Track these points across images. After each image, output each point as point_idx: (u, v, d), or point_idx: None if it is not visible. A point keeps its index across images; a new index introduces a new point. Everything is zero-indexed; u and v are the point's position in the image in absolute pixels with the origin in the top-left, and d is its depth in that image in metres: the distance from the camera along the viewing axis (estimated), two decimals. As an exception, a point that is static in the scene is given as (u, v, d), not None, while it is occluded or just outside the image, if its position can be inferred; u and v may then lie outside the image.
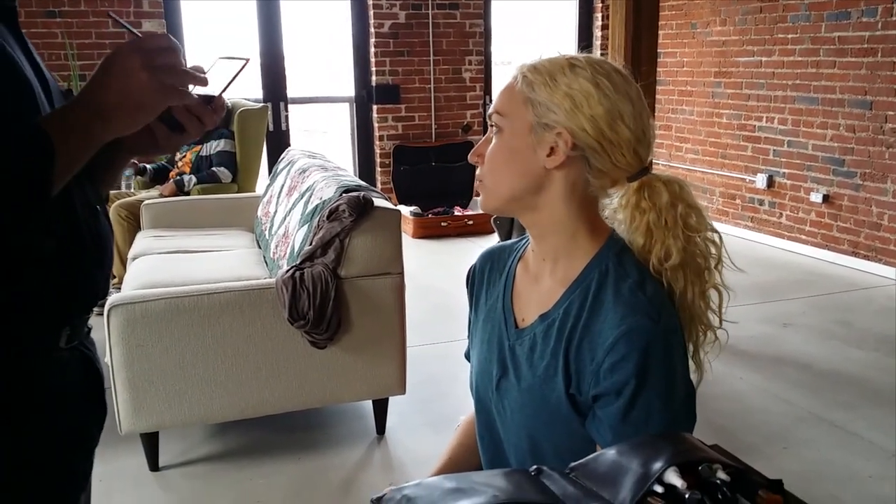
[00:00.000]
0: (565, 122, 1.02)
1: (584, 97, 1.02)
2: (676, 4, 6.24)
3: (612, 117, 1.02)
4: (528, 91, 1.04)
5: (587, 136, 1.02)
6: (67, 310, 0.95)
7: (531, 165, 1.05)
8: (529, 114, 1.04)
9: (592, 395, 1.02)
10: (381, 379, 2.64)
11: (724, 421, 2.91)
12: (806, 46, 5.16)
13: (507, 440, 1.17)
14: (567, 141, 1.03)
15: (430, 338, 3.67)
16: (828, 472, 2.58)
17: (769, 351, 3.61)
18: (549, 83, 1.03)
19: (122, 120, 0.86)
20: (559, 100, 1.02)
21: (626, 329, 0.99)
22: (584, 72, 1.02)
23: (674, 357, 1.01)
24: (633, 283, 1.03)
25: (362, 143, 6.49)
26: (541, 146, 1.04)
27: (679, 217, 1.04)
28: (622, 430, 1.00)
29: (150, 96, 0.85)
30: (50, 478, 0.95)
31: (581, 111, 1.02)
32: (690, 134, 6.24)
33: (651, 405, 0.99)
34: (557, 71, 1.03)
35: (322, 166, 3.26)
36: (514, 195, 1.08)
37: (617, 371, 0.99)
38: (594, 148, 1.03)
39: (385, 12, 6.18)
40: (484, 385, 1.19)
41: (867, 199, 4.86)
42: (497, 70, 6.70)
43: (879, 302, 4.34)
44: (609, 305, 1.02)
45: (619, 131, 1.02)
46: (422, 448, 2.72)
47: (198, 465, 2.62)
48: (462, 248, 5.57)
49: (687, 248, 1.05)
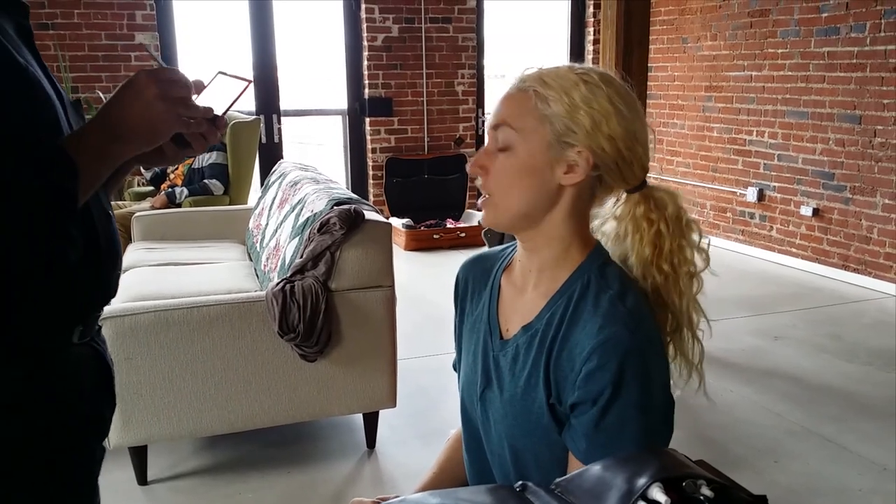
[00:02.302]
0: (585, 141, 1.02)
1: (604, 117, 1.02)
2: (667, 19, 6.29)
3: (630, 137, 1.03)
4: (542, 107, 1.03)
5: (605, 155, 1.03)
6: (82, 309, 1.01)
7: (546, 183, 1.05)
8: (546, 131, 1.03)
9: (570, 404, 1.02)
10: (371, 392, 2.63)
11: (714, 434, 2.91)
12: (796, 61, 5.20)
13: (491, 451, 1.17)
14: (588, 159, 1.03)
15: (421, 350, 3.67)
16: (818, 485, 2.58)
17: (760, 364, 3.61)
18: (564, 99, 1.02)
19: (139, 143, 0.95)
20: (580, 118, 1.02)
21: (604, 339, 0.99)
22: (599, 90, 1.02)
23: (651, 368, 1.01)
24: (614, 294, 1.03)
25: (355, 155, 6.49)
26: (559, 164, 1.04)
27: (684, 227, 1.07)
28: (595, 437, 1.00)
29: (164, 124, 0.94)
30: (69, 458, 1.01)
31: (601, 130, 1.02)
32: (681, 147, 6.27)
33: (626, 414, 0.99)
34: (571, 87, 1.02)
35: (314, 179, 3.26)
36: (526, 212, 1.07)
37: (593, 380, 0.99)
38: (610, 166, 1.04)
39: (378, 26, 6.20)
40: (469, 396, 1.20)
41: (857, 212, 4.89)
42: (490, 83, 6.73)
43: (870, 315, 4.35)
44: (588, 316, 1.03)
45: (635, 150, 1.04)
46: (412, 461, 2.71)
47: (186, 479, 2.60)
48: (454, 260, 5.56)
49: (686, 259, 1.08)
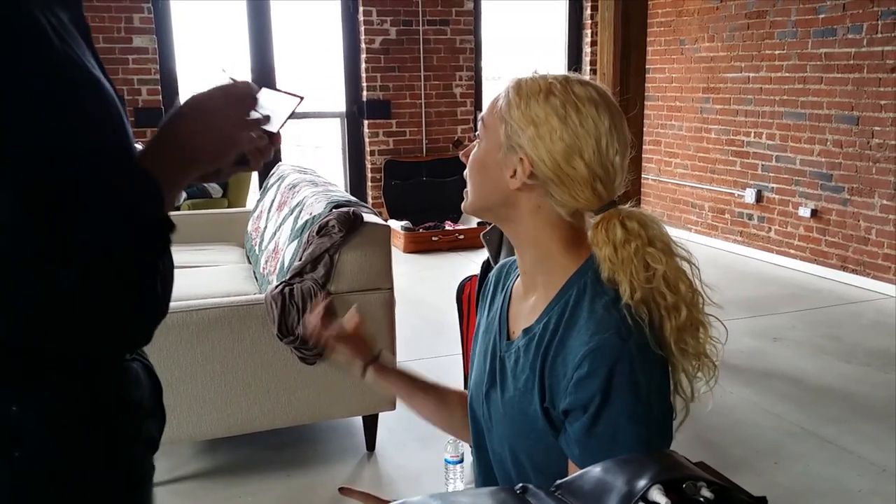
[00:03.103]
0: (527, 150, 1.04)
1: (548, 130, 1.02)
2: (665, 21, 6.30)
3: (570, 153, 1.02)
4: (504, 110, 1.06)
5: (545, 168, 1.03)
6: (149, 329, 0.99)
7: (499, 182, 1.08)
8: (502, 133, 1.06)
9: (563, 410, 1.02)
10: (371, 395, 2.63)
11: (714, 435, 2.91)
12: (793, 62, 5.21)
13: (493, 451, 1.18)
14: (526, 169, 1.04)
15: (420, 353, 3.67)
16: (818, 486, 2.58)
17: (759, 365, 3.61)
18: (522, 106, 1.04)
19: (212, 164, 0.95)
20: (525, 126, 1.04)
21: (594, 346, 0.99)
22: (556, 100, 1.02)
23: (643, 375, 0.99)
24: (609, 301, 1.02)
25: (353, 157, 6.50)
26: (506, 167, 1.07)
27: (634, 253, 1.01)
28: (588, 445, 1.00)
29: (236, 147, 0.95)
30: (129, 478, 0.98)
31: (543, 142, 1.03)
32: (679, 149, 6.28)
33: (617, 421, 0.98)
34: (533, 95, 1.04)
35: (312, 181, 3.26)
36: (485, 205, 1.13)
37: (583, 387, 0.99)
38: (552, 179, 1.04)
39: (376, 28, 6.21)
40: (477, 394, 1.21)
41: (855, 213, 4.90)
42: (487, 85, 6.74)
43: (868, 316, 4.36)
44: (582, 322, 1.03)
45: (577, 168, 1.02)
46: (412, 464, 2.71)
47: (186, 482, 2.60)
48: (453, 262, 5.57)
49: (649, 283, 1.01)
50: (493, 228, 2.63)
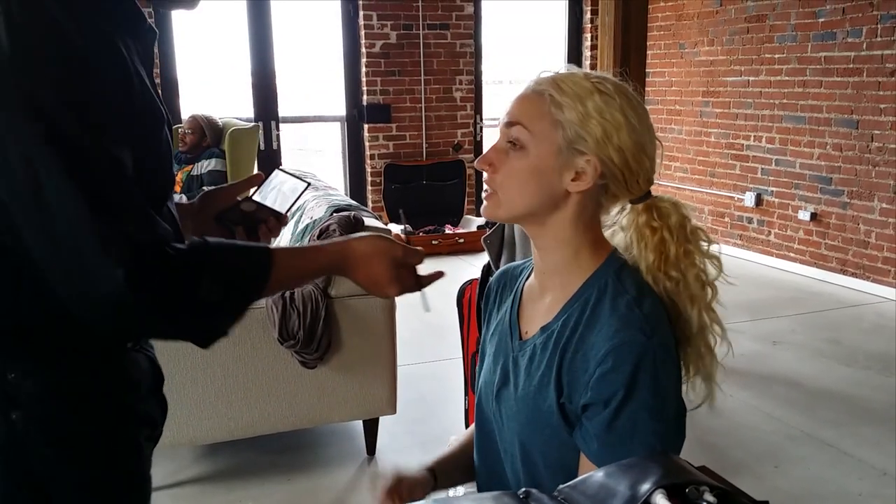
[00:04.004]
0: (595, 150, 1.03)
1: (615, 128, 1.03)
2: (665, 25, 6.31)
3: (638, 150, 1.04)
4: (556, 112, 1.04)
5: (613, 166, 1.04)
6: None
7: (553, 187, 1.06)
8: (558, 136, 1.04)
9: (581, 405, 1.03)
10: (371, 399, 2.63)
11: (714, 439, 2.91)
12: (793, 66, 5.22)
13: (504, 450, 1.18)
14: (596, 168, 1.04)
15: (420, 357, 3.67)
16: (818, 490, 2.58)
17: (759, 369, 3.61)
18: (578, 107, 1.03)
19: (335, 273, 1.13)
20: (592, 127, 1.03)
21: (619, 342, 1.00)
22: (613, 100, 1.03)
23: (664, 373, 1.02)
24: (631, 299, 1.04)
25: (353, 161, 6.50)
26: (567, 170, 1.05)
27: (689, 235, 1.07)
28: (607, 439, 1.01)
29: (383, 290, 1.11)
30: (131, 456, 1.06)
31: (611, 141, 1.03)
32: (679, 153, 6.28)
33: (638, 417, 0.99)
34: (586, 95, 1.03)
35: (313, 186, 3.26)
36: (529, 212, 1.09)
37: (606, 382, 1.00)
38: (616, 176, 1.05)
39: (376, 32, 6.22)
40: (486, 394, 1.21)
41: (855, 216, 4.90)
42: (487, 89, 6.75)
43: (868, 319, 4.36)
44: (605, 319, 1.04)
45: (642, 163, 1.06)
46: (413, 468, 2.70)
47: (187, 486, 2.60)
48: (453, 266, 5.57)
49: (694, 263, 1.07)
50: (493, 232, 2.63)
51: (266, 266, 0.95)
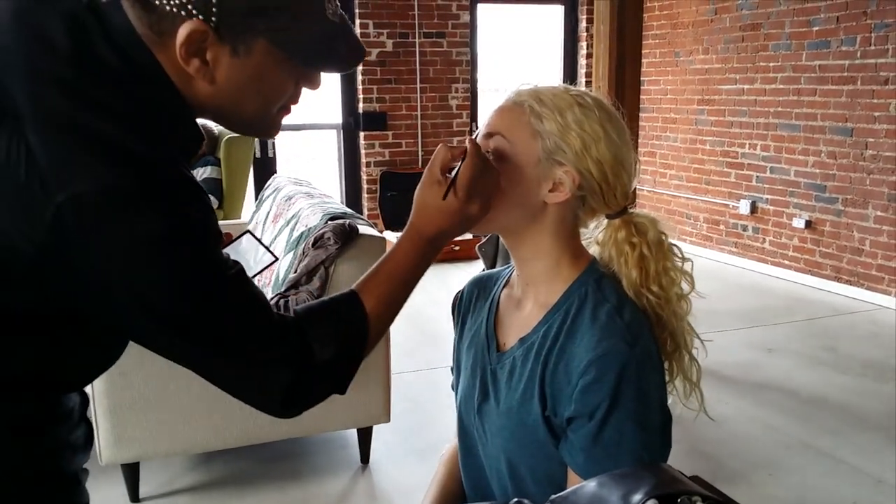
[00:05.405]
0: (574, 161, 1.03)
1: (594, 140, 1.03)
2: (660, 33, 6.34)
3: (617, 163, 1.04)
4: (535, 122, 1.04)
5: (591, 179, 1.04)
6: None
7: (530, 198, 1.05)
8: (537, 146, 1.04)
9: (566, 418, 1.02)
10: (365, 407, 2.62)
11: (709, 447, 2.90)
12: (787, 74, 5.24)
13: (489, 465, 1.17)
14: (574, 179, 1.04)
15: (415, 364, 3.66)
16: (813, 498, 2.57)
17: (754, 377, 3.61)
18: (557, 118, 1.03)
19: None
20: (571, 139, 1.03)
21: (601, 352, 0.99)
22: (592, 113, 1.03)
23: (648, 382, 1.01)
24: (611, 308, 1.04)
25: (349, 169, 6.50)
26: (545, 181, 1.05)
27: (666, 251, 1.08)
28: (593, 451, 1.00)
29: None
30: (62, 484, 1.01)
31: (589, 153, 1.03)
32: (674, 160, 6.30)
33: (623, 428, 0.99)
34: (565, 107, 1.03)
35: (308, 193, 3.26)
36: (506, 222, 1.08)
37: (590, 393, 0.99)
38: (594, 189, 1.05)
39: (372, 41, 6.23)
40: (467, 410, 1.20)
41: (849, 224, 4.92)
42: (483, 97, 6.76)
43: (863, 327, 4.37)
44: (586, 329, 1.03)
45: (620, 177, 1.05)
46: (407, 477, 2.70)
47: (180, 496, 2.59)
48: (448, 274, 5.56)
49: (673, 280, 1.08)
50: (488, 241, 2.63)
51: (354, 302, 1.00)
